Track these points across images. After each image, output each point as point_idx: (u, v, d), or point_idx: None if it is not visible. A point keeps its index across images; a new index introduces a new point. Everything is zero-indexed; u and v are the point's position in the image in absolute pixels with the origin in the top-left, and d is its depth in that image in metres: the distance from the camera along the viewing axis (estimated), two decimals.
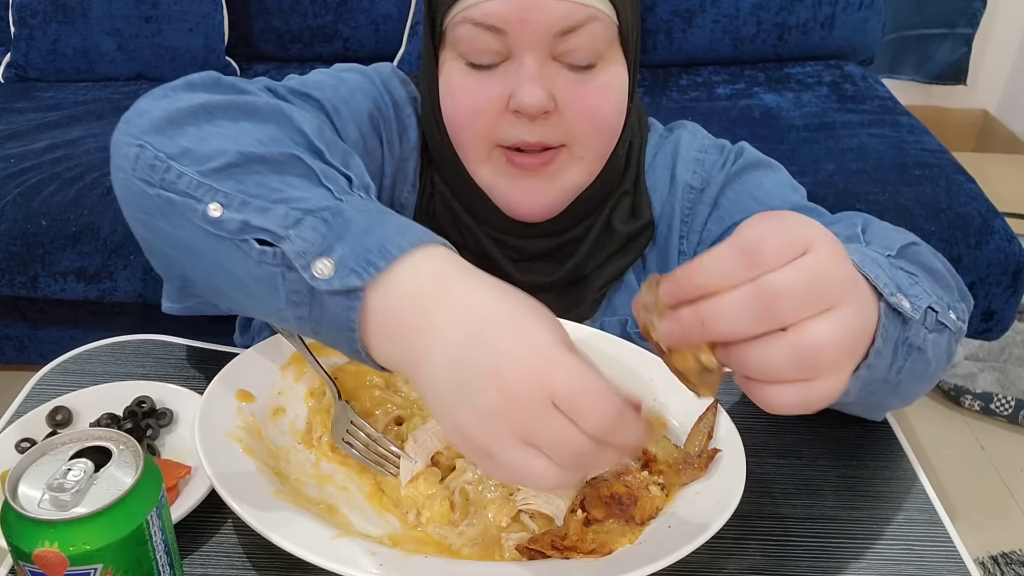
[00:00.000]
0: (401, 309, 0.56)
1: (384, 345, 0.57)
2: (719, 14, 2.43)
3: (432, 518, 0.66)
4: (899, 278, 0.62)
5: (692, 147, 0.95)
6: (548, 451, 0.50)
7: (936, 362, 0.69)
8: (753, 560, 0.66)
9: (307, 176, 0.65)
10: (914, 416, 2.17)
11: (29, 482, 0.52)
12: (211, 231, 0.62)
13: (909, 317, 0.59)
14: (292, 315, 0.61)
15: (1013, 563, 1.79)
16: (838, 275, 0.50)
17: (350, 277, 0.56)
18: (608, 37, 0.79)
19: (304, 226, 0.59)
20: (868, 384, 0.60)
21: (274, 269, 0.60)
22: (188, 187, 0.64)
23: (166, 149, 0.66)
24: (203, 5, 2.29)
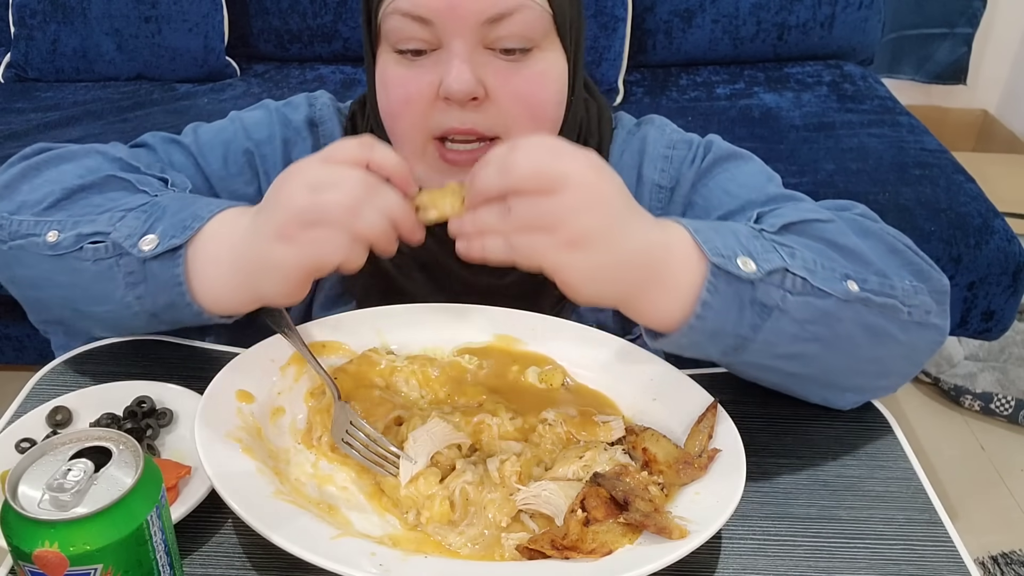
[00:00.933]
0: (213, 246, 0.72)
1: (208, 285, 0.73)
2: (719, 14, 2.43)
3: (432, 518, 0.66)
4: (753, 246, 0.70)
5: (659, 144, 0.93)
6: (327, 220, 0.65)
7: (836, 332, 0.72)
8: (753, 560, 0.66)
9: (125, 188, 0.80)
10: (914, 416, 2.17)
11: (29, 482, 0.52)
12: (53, 255, 0.76)
13: (748, 277, 0.68)
14: (132, 296, 0.75)
15: (1013, 563, 1.79)
16: (567, 216, 0.63)
17: (172, 240, 0.72)
18: (542, 26, 0.78)
19: (127, 219, 0.74)
20: (717, 336, 0.70)
21: (109, 261, 0.74)
22: (29, 228, 0.77)
23: (7, 209, 0.79)
24: (203, 5, 2.29)
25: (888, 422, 0.81)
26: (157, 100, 2.26)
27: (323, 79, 2.41)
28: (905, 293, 0.75)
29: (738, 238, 0.71)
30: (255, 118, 0.94)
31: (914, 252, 0.80)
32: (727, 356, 0.74)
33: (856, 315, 0.72)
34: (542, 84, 0.80)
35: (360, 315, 0.84)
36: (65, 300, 0.80)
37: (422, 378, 0.79)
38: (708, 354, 0.74)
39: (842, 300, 0.71)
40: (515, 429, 0.74)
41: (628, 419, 0.77)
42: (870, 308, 0.73)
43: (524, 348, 0.83)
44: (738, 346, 0.72)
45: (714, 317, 0.69)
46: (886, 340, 0.75)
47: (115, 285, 0.75)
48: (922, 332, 0.77)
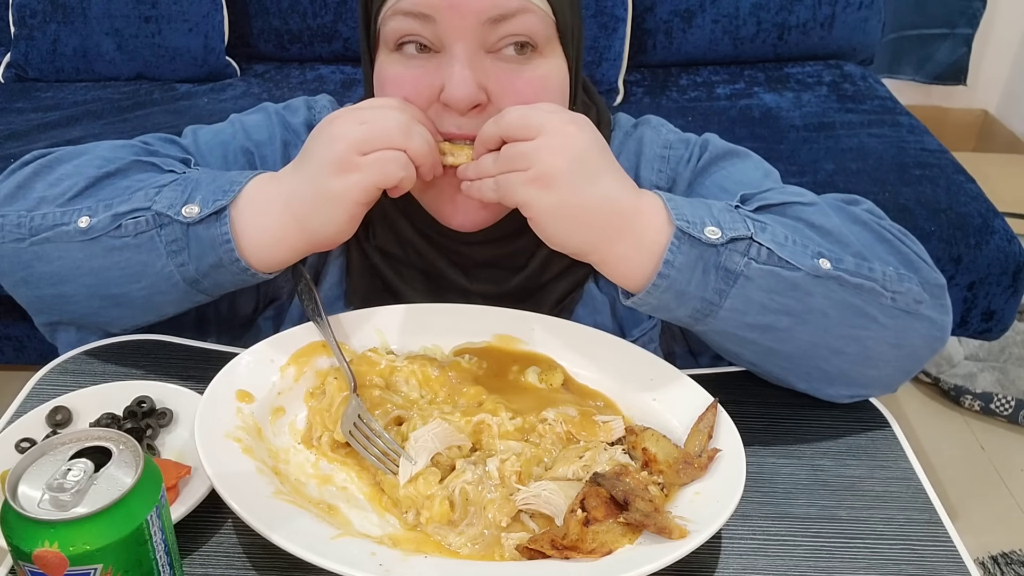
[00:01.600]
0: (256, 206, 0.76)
1: (255, 242, 0.76)
2: (719, 14, 2.43)
3: (432, 518, 0.66)
4: (723, 217, 0.74)
5: (656, 145, 0.93)
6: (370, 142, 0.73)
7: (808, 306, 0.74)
8: (753, 560, 0.67)
9: (151, 170, 0.82)
10: (914, 416, 2.17)
11: (29, 482, 0.52)
12: (86, 240, 0.77)
13: (709, 241, 0.72)
14: (174, 265, 0.77)
15: (1013, 563, 1.79)
16: (538, 156, 0.71)
17: (215, 204, 0.75)
18: (544, 31, 0.78)
19: (164, 192, 0.77)
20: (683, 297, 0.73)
21: (150, 232, 0.76)
22: (55, 219, 0.78)
23: (24, 207, 0.80)
24: (203, 5, 2.29)
25: (888, 422, 0.81)
26: (157, 100, 2.26)
27: (323, 79, 2.41)
28: (887, 278, 0.76)
29: (710, 210, 0.74)
30: (255, 120, 0.94)
31: (907, 245, 0.80)
32: (698, 321, 0.76)
33: (828, 291, 0.74)
34: (544, 89, 0.80)
35: (360, 315, 0.84)
36: (94, 287, 0.80)
37: (422, 378, 0.79)
38: (678, 317, 0.76)
39: (812, 275, 0.73)
40: (515, 429, 0.74)
41: (628, 419, 0.77)
42: (844, 287, 0.74)
43: (524, 348, 0.83)
44: (706, 311, 0.74)
45: (677, 276, 0.72)
46: (866, 322, 0.75)
47: (156, 255, 0.77)
48: (911, 321, 0.77)
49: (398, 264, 0.90)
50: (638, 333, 0.90)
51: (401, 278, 0.90)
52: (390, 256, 0.90)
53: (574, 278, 0.90)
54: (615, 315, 0.91)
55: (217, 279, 0.79)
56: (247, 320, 0.94)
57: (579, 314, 0.91)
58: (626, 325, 0.91)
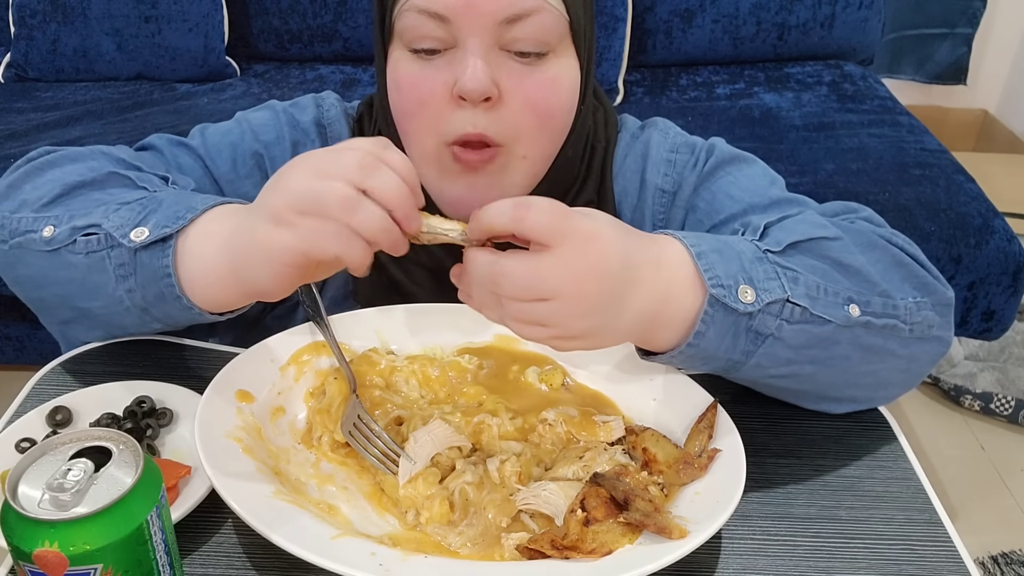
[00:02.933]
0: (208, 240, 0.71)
1: (198, 279, 0.72)
2: (719, 14, 2.43)
3: (431, 518, 0.66)
4: (755, 272, 0.69)
5: (663, 148, 0.92)
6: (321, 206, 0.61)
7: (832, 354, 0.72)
8: (753, 560, 0.67)
9: (125, 184, 0.80)
10: (914, 416, 2.17)
11: (29, 482, 0.52)
12: (49, 250, 0.76)
13: (744, 310, 0.68)
14: (123, 290, 0.74)
15: (1013, 563, 1.79)
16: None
17: (163, 230, 0.71)
18: (558, 31, 0.78)
19: (121, 211, 0.74)
20: (709, 359, 0.71)
21: (100, 253, 0.74)
22: (27, 225, 0.77)
23: (8, 208, 0.80)
24: (203, 5, 2.29)
25: (888, 422, 0.81)
26: (157, 100, 2.26)
27: (323, 79, 2.41)
28: (908, 311, 0.74)
29: (741, 262, 0.70)
30: (262, 119, 0.94)
31: (919, 264, 0.79)
32: (724, 372, 0.75)
33: (854, 338, 0.72)
34: (554, 89, 0.80)
35: (360, 315, 0.84)
36: (63, 298, 0.80)
37: (422, 378, 0.79)
38: (698, 371, 0.76)
39: (841, 326, 0.71)
40: (515, 429, 0.74)
41: (628, 419, 0.77)
42: (869, 330, 0.73)
43: (524, 348, 0.83)
44: (729, 368, 0.73)
45: (707, 345, 0.69)
46: (884, 357, 0.75)
47: (107, 278, 0.75)
48: (923, 346, 0.77)
49: (404, 262, 0.90)
50: None
51: (408, 276, 0.90)
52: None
53: None
54: None
55: (166, 311, 0.76)
56: (254, 320, 0.94)
57: None
58: None
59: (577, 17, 0.79)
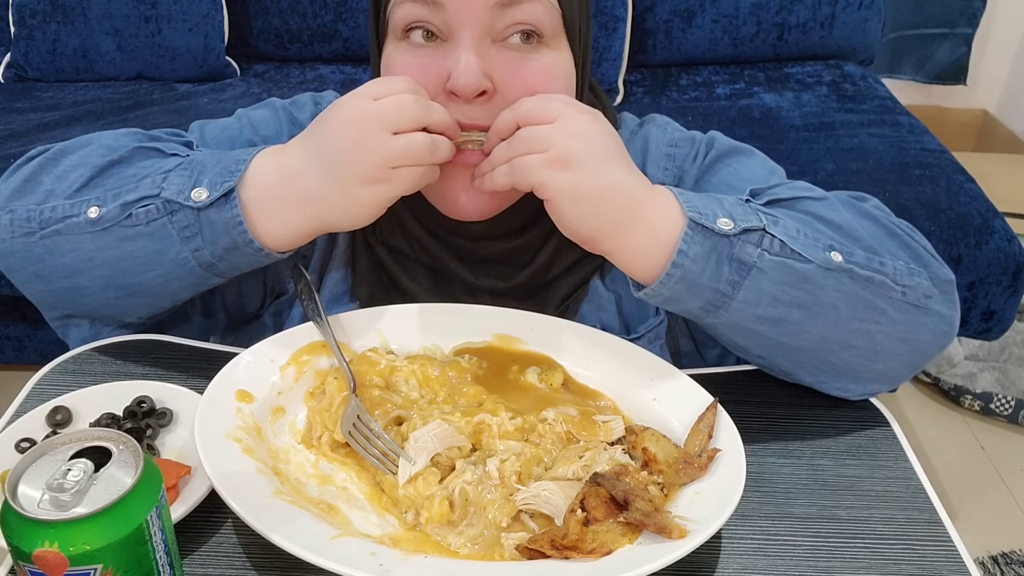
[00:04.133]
0: (266, 185, 0.76)
1: (270, 221, 0.76)
2: (719, 14, 2.43)
3: (431, 518, 0.66)
4: (735, 210, 0.74)
5: (662, 143, 0.93)
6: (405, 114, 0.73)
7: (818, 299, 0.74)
8: (753, 560, 0.67)
9: (154, 155, 0.81)
10: (914, 416, 2.17)
11: (29, 482, 0.52)
12: (97, 230, 0.77)
13: (722, 232, 0.72)
14: (189, 250, 0.77)
15: (1013, 563, 1.79)
16: (556, 139, 0.72)
17: (223, 185, 0.75)
18: (551, 23, 0.78)
19: (171, 178, 0.76)
20: (696, 288, 0.74)
21: (161, 220, 0.76)
22: (65, 211, 0.78)
23: (33, 201, 0.80)
24: (203, 5, 2.29)
25: (888, 422, 0.81)
26: (157, 100, 2.26)
27: (323, 79, 2.41)
28: (898, 272, 0.76)
29: (721, 203, 0.75)
30: (262, 116, 0.94)
31: (916, 241, 0.81)
32: (709, 314, 0.76)
33: (839, 284, 0.74)
34: (549, 78, 0.80)
35: (360, 315, 0.84)
36: (109, 278, 0.80)
37: (422, 378, 0.79)
38: (690, 309, 0.77)
39: (823, 267, 0.73)
40: (515, 429, 0.74)
41: (628, 419, 0.77)
42: (855, 280, 0.74)
43: (524, 348, 0.83)
44: (718, 302, 0.75)
45: (691, 266, 0.73)
46: (875, 315, 0.76)
47: (169, 243, 0.77)
48: (921, 316, 0.78)
49: (404, 260, 0.90)
50: (644, 330, 0.90)
51: (407, 273, 0.90)
52: (395, 252, 0.90)
53: (580, 275, 0.90)
54: (621, 312, 0.91)
55: (233, 261, 0.79)
56: (253, 315, 0.94)
57: (585, 311, 0.90)
58: (632, 322, 0.91)
59: (570, 11, 0.80)
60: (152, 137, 0.85)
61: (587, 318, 0.90)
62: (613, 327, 0.89)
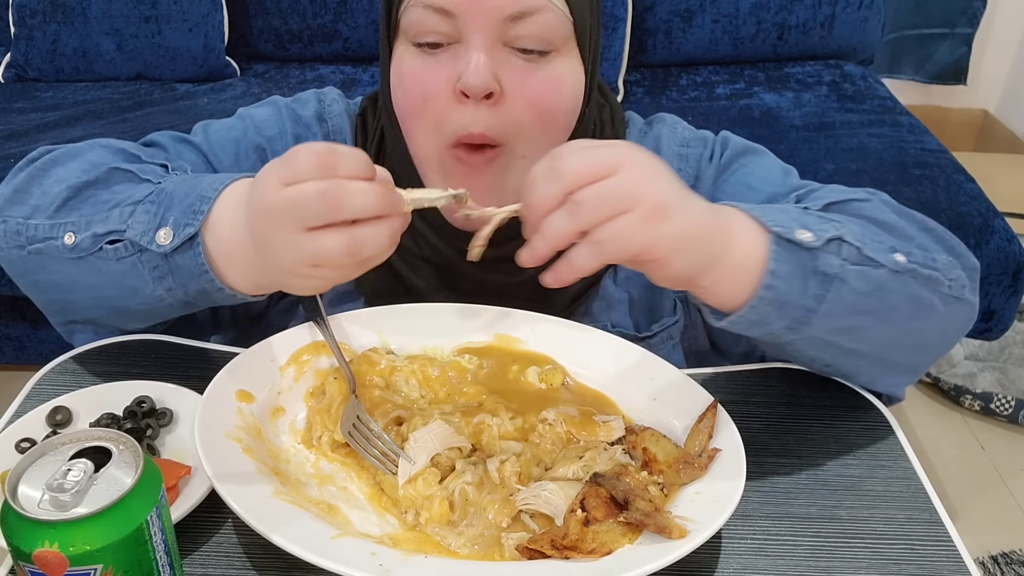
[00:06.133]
0: (223, 240, 0.71)
1: (231, 271, 0.72)
2: (719, 14, 2.43)
3: (431, 519, 0.66)
4: (806, 219, 0.71)
5: (673, 143, 0.93)
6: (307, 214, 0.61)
7: (888, 303, 0.73)
8: (753, 560, 0.66)
9: (129, 179, 0.79)
10: (914, 416, 2.17)
11: (29, 482, 0.52)
12: (74, 258, 0.76)
13: (807, 244, 0.69)
14: (163, 289, 0.75)
15: (1013, 563, 1.79)
16: (638, 188, 0.62)
17: (185, 230, 0.71)
18: (562, 32, 0.78)
19: (137, 214, 0.74)
20: (784, 308, 0.70)
21: (131, 259, 0.74)
22: (46, 232, 0.77)
23: (21, 213, 0.79)
24: (203, 5, 2.29)
25: (888, 422, 0.81)
26: (157, 100, 2.26)
27: (323, 79, 2.41)
28: (945, 267, 0.77)
29: (788, 213, 0.72)
30: (264, 115, 0.94)
31: (945, 232, 0.82)
32: (792, 331, 0.73)
33: (904, 287, 0.74)
34: (557, 88, 0.80)
35: (360, 315, 0.84)
36: (96, 299, 0.80)
37: (422, 378, 0.79)
38: (772, 330, 0.73)
39: (892, 271, 0.73)
40: (515, 429, 0.74)
41: (628, 419, 0.77)
42: (917, 280, 0.74)
43: (524, 348, 0.83)
44: (803, 319, 0.72)
45: (781, 286, 0.70)
46: (928, 312, 0.77)
47: (143, 280, 0.75)
48: (959, 307, 0.79)
49: (410, 257, 0.90)
50: (657, 328, 0.90)
51: (413, 270, 0.90)
52: (402, 248, 0.89)
53: (590, 276, 0.90)
54: (632, 312, 0.91)
55: (207, 300, 0.77)
56: (260, 314, 0.94)
57: (595, 311, 0.90)
58: (644, 322, 0.91)
59: (582, 19, 0.79)
60: (133, 156, 0.83)
61: (598, 318, 0.89)
62: (624, 327, 0.89)
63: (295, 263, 0.64)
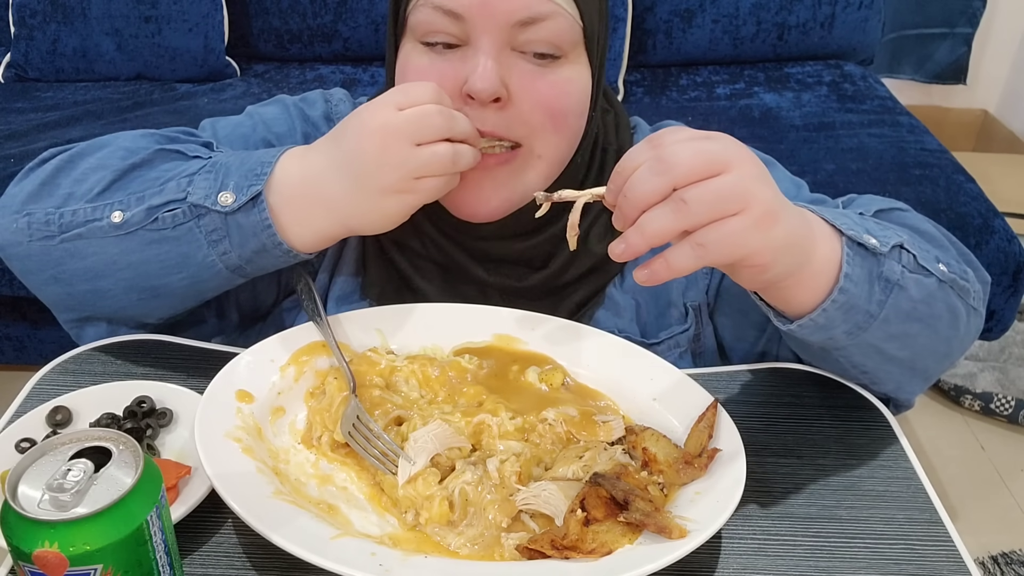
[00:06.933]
0: (292, 188, 0.75)
1: (296, 225, 0.76)
2: (719, 14, 2.43)
3: (431, 519, 0.66)
4: (868, 225, 0.72)
5: None
6: (429, 127, 0.73)
7: (933, 312, 0.74)
8: (753, 560, 0.66)
9: (176, 158, 0.81)
10: (914, 416, 2.17)
11: (29, 482, 0.52)
12: (122, 235, 0.76)
13: (876, 250, 0.69)
14: (216, 254, 0.77)
15: (1013, 563, 1.79)
16: (751, 190, 0.60)
17: (250, 189, 0.74)
18: (571, 37, 0.78)
19: (196, 182, 0.76)
20: (850, 312, 0.70)
21: (188, 224, 0.76)
22: (87, 215, 0.77)
23: (51, 204, 0.79)
24: (203, 5, 2.29)
25: (888, 422, 0.81)
26: (157, 100, 2.26)
27: (323, 79, 2.41)
28: (971, 279, 0.79)
29: (851, 219, 0.72)
30: (274, 112, 0.94)
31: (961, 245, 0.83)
32: (851, 336, 0.73)
33: (946, 297, 0.75)
34: (565, 92, 0.80)
35: (360, 315, 0.84)
36: (132, 280, 0.80)
37: (422, 378, 0.79)
38: (834, 335, 0.73)
39: (940, 281, 0.74)
40: (515, 429, 0.74)
41: (628, 419, 0.77)
42: (954, 290, 0.76)
43: (524, 348, 0.83)
44: (864, 324, 0.72)
45: (853, 290, 0.69)
46: (959, 322, 0.78)
47: (196, 247, 0.76)
48: (976, 317, 0.81)
49: (415, 257, 0.90)
50: (664, 336, 0.90)
51: (418, 271, 0.90)
52: (407, 250, 0.90)
53: (595, 283, 0.90)
54: (639, 319, 0.90)
55: (260, 263, 0.79)
56: (265, 313, 0.94)
57: (600, 317, 0.90)
58: (651, 330, 0.90)
59: (591, 24, 0.80)
60: (171, 139, 0.85)
61: (603, 324, 0.89)
62: (631, 334, 0.88)
63: (404, 175, 0.73)
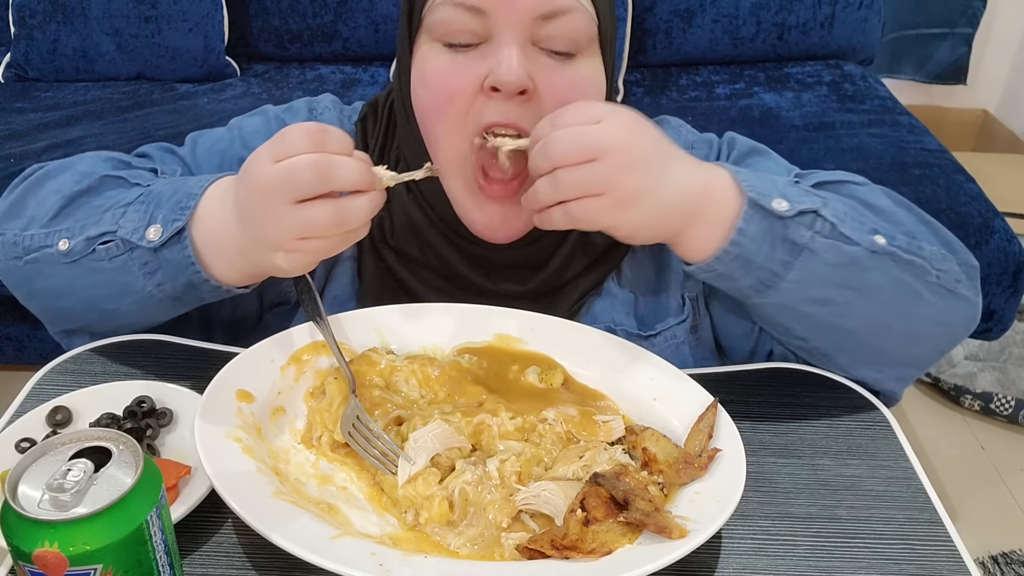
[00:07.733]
0: (209, 228, 0.75)
1: (218, 262, 0.76)
2: (719, 14, 2.43)
3: (431, 519, 0.66)
4: (788, 191, 0.76)
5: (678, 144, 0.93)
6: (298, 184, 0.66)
7: (867, 281, 0.76)
8: (753, 560, 0.66)
9: (120, 185, 0.83)
10: (914, 416, 2.17)
11: (29, 482, 0.52)
12: (69, 262, 0.79)
13: (778, 213, 0.74)
14: (152, 284, 0.78)
15: (1013, 563, 1.79)
16: (614, 177, 0.69)
17: (173, 224, 0.75)
18: (588, 33, 0.79)
19: (128, 214, 0.78)
20: (750, 267, 0.75)
21: (122, 257, 0.77)
22: (40, 240, 0.81)
23: (17, 226, 0.83)
24: (203, 5, 2.29)
25: (888, 422, 0.81)
26: (157, 100, 2.26)
27: (323, 79, 2.41)
28: (933, 256, 0.79)
29: (775, 183, 0.77)
30: (254, 125, 0.94)
31: (944, 229, 0.84)
32: (758, 293, 0.78)
33: (884, 268, 0.76)
34: (584, 89, 0.80)
35: (360, 315, 0.84)
36: (90, 302, 0.83)
37: (422, 378, 0.79)
38: (740, 287, 0.78)
39: (869, 251, 0.76)
40: (515, 429, 0.74)
41: (628, 419, 0.77)
42: (898, 263, 0.77)
43: (524, 348, 0.83)
44: (769, 282, 0.76)
45: (748, 244, 0.74)
46: (914, 298, 0.78)
47: (134, 278, 0.78)
48: (952, 301, 0.80)
49: (415, 266, 0.90)
50: (661, 328, 0.90)
51: (418, 279, 0.90)
52: (407, 257, 0.90)
53: (595, 276, 0.90)
54: (636, 312, 0.91)
55: (197, 295, 0.80)
56: (252, 322, 0.94)
57: (597, 309, 0.90)
58: (647, 322, 0.90)
59: (605, 20, 0.80)
60: (123, 163, 0.88)
61: (600, 316, 0.89)
62: (628, 327, 0.89)
63: (284, 236, 0.68)
